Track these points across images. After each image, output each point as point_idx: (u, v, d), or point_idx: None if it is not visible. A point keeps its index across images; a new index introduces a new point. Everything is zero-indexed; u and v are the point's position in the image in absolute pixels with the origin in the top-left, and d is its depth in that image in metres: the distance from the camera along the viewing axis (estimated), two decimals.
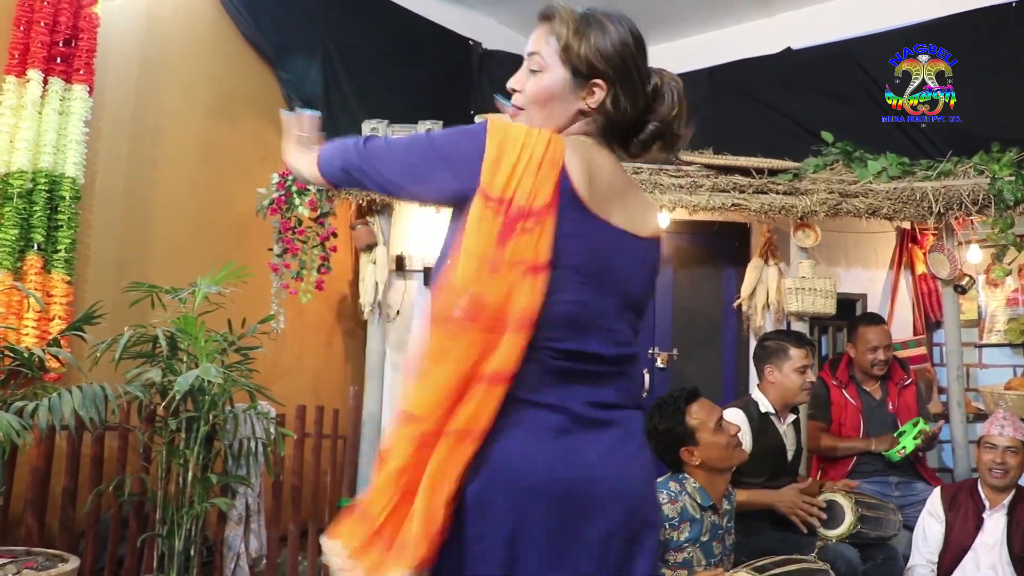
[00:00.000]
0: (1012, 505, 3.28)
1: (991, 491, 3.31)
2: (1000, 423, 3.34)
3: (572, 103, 1.45)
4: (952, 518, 3.36)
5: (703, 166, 4.21)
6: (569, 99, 1.45)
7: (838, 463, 3.98)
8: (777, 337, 3.54)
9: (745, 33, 5.61)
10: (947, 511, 3.38)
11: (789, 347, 3.40)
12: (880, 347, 3.98)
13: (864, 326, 4.10)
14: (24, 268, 3.32)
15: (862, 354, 4.03)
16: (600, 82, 1.43)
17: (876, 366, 3.99)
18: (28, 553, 2.83)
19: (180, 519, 2.99)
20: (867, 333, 4.04)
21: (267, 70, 4.44)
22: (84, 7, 3.52)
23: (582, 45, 1.42)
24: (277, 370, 4.10)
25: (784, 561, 2.79)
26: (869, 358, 4.00)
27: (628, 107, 1.45)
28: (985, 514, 3.31)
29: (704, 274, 4.60)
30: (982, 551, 3.27)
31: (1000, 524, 3.27)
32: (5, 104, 3.32)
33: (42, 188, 3.34)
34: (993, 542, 3.25)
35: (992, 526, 3.28)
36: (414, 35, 5.08)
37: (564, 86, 1.44)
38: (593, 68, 1.42)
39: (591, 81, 1.43)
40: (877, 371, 4.00)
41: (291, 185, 4.02)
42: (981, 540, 3.28)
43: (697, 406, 2.81)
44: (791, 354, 3.38)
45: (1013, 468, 3.27)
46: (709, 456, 2.75)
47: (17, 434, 2.49)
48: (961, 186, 4.06)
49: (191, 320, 3.03)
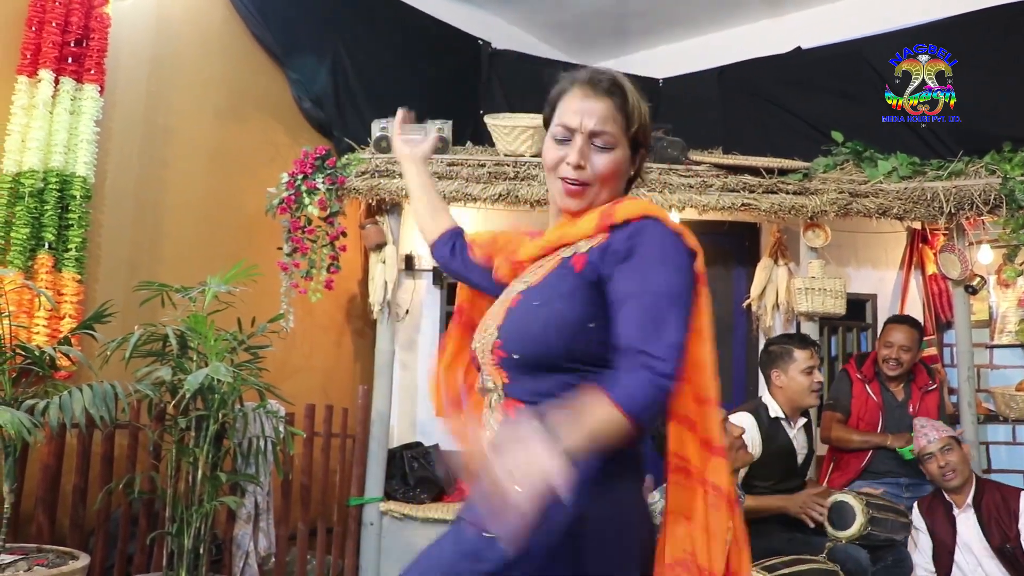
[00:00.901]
0: (976, 501, 3.45)
1: (953, 493, 3.48)
2: (924, 434, 3.54)
3: (627, 174, 1.54)
4: (932, 525, 3.52)
5: (713, 166, 4.21)
6: (627, 171, 1.54)
7: (853, 459, 3.96)
8: (780, 341, 3.53)
9: (754, 33, 5.60)
10: (926, 519, 3.54)
11: (793, 349, 3.39)
12: (896, 345, 3.96)
13: (889, 323, 4.10)
14: (35, 267, 3.33)
15: (880, 348, 4.03)
16: (644, 149, 1.55)
17: (887, 363, 3.97)
18: (39, 550, 2.84)
19: (190, 517, 3.00)
20: (890, 330, 4.04)
21: (277, 70, 4.46)
22: (95, 7, 3.53)
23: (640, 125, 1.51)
24: (286, 369, 4.11)
25: (793, 561, 2.79)
26: (883, 353, 3.99)
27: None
28: (955, 513, 3.48)
29: (714, 274, 4.56)
30: (964, 549, 3.43)
31: (971, 520, 3.44)
32: (17, 104, 3.34)
33: (53, 187, 3.36)
34: (971, 538, 3.42)
35: (964, 524, 3.45)
36: (423, 35, 5.09)
37: (628, 160, 1.52)
38: (643, 142, 1.54)
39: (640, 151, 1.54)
40: (888, 369, 3.97)
41: (300, 184, 4.03)
42: (960, 540, 3.44)
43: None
44: (796, 356, 3.37)
45: (958, 464, 3.44)
46: None
47: (28, 432, 2.51)
48: (972, 186, 4.04)
49: (201, 319, 3.04)
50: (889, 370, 3.97)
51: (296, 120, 4.53)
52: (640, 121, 1.49)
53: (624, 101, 1.48)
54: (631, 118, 1.48)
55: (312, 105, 4.53)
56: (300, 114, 4.54)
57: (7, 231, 3.29)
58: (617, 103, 1.48)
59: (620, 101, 1.48)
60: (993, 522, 3.38)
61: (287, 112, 4.51)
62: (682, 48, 5.90)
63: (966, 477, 3.46)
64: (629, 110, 1.48)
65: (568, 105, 1.49)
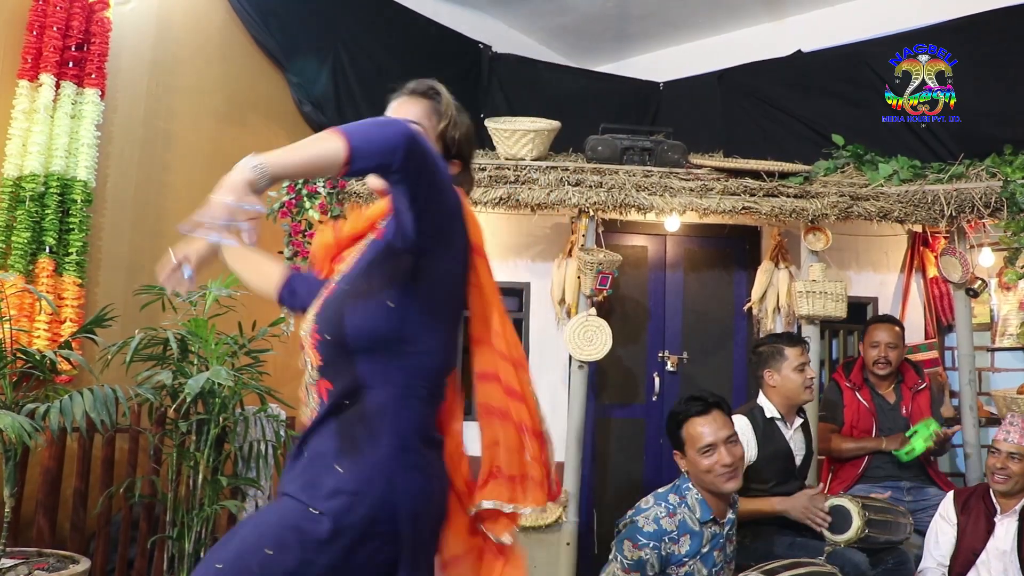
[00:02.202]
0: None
1: (1001, 496, 3.29)
2: (1007, 428, 3.31)
3: None
4: (964, 522, 3.34)
5: (713, 169, 4.21)
6: None
7: (849, 465, 3.96)
8: (769, 341, 3.52)
9: (755, 36, 5.61)
10: (959, 515, 3.36)
11: (783, 348, 3.39)
12: (882, 344, 3.97)
13: (872, 324, 4.11)
14: (36, 271, 3.34)
15: (866, 350, 4.03)
16: (457, 161, 1.72)
17: (878, 364, 3.97)
18: (39, 554, 2.84)
19: (190, 521, 3.00)
20: (873, 330, 4.05)
21: (277, 74, 4.46)
22: (96, 12, 3.54)
23: (456, 132, 1.70)
24: (287, 373, 4.09)
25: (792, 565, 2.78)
26: (872, 354, 3.99)
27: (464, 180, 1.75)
28: (996, 519, 3.29)
29: (714, 277, 4.58)
30: (993, 556, 3.24)
31: (1011, 529, 3.24)
32: (18, 108, 3.35)
33: (54, 191, 3.36)
34: (1004, 547, 3.23)
35: (1003, 531, 3.26)
36: (424, 38, 5.09)
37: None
38: (457, 152, 1.71)
39: (452, 159, 1.71)
40: (878, 369, 3.97)
41: (301, 188, 4.03)
42: (992, 545, 3.25)
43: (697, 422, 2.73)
44: (786, 354, 3.37)
45: (1016, 474, 3.23)
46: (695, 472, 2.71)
47: (29, 436, 2.51)
48: (973, 189, 4.04)
49: (202, 323, 3.04)
50: (879, 370, 3.98)
51: (297, 123, 4.53)
52: (452, 121, 1.67)
53: (438, 102, 1.68)
54: (443, 116, 1.67)
55: (313, 108, 4.53)
56: (301, 117, 4.54)
57: (8, 235, 3.29)
58: (431, 105, 1.68)
59: (435, 104, 1.68)
60: None
61: (288, 115, 4.51)
62: (683, 52, 5.90)
63: (1019, 487, 3.26)
64: (442, 110, 1.68)
65: (392, 108, 1.71)
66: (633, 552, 2.58)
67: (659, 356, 4.51)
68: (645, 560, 2.56)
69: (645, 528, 2.61)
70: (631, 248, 4.44)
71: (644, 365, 4.49)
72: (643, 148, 4.25)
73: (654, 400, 4.45)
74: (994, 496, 3.31)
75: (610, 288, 4.02)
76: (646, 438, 4.44)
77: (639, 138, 4.30)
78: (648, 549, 2.57)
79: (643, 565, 2.56)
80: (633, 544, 2.58)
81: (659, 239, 4.53)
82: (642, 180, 4.08)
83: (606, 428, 4.40)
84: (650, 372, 4.47)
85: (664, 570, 2.61)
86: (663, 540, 2.60)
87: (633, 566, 2.57)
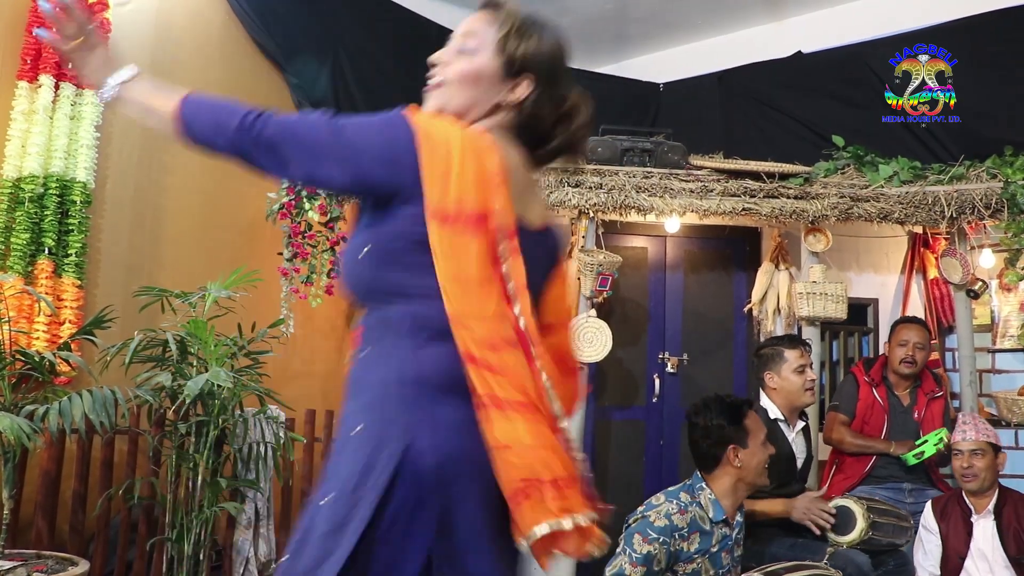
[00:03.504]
0: (998, 508, 3.35)
1: (973, 496, 3.39)
2: (962, 428, 3.44)
3: (494, 94, 1.45)
4: (944, 528, 3.44)
5: (713, 170, 4.21)
6: (493, 89, 1.45)
7: (854, 465, 3.95)
8: (770, 344, 3.54)
9: (755, 37, 5.60)
10: (939, 522, 3.46)
11: (783, 350, 3.41)
12: (910, 343, 3.98)
13: (901, 324, 4.12)
14: (35, 272, 3.33)
15: (893, 349, 4.03)
16: (530, 77, 1.45)
17: (904, 363, 3.97)
18: (38, 556, 2.84)
19: (190, 523, 3.00)
20: (901, 330, 4.05)
21: (277, 74, 4.46)
22: (95, 13, 3.53)
23: (522, 42, 1.44)
24: (287, 374, 4.10)
25: (795, 567, 2.78)
26: (899, 353, 3.99)
27: (547, 111, 1.47)
28: (973, 519, 3.39)
29: (714, 279, 4.58)
30: (978, 556, 3.34)
31: (989, 528, 3.34)
32: (17, 109, 3.34)
33: (53, 192, 3.36)
34: (984, 546, 3.33)
35: (981, 531, 3.36)
36: (424, 39, 5.08)
37: (494, 74, 1.44)
38: (525, 65, 1.44)
39: (520, 76, 1.45)
40: (904, 368, 3.97)
41: (301, 189, 4.03)
42: (975, 546, 3.35)
43: (754, 415, 2.87)
44: (786, 356, 3.39)
45: (982, 470, 3.35)
46: (749, 464, 2.77)
47: (28, 437, 2.50)
48: (974, 190, 4.04)
49: (201, 324, 3.04)
50: (904, 369, 3.98)
51: None
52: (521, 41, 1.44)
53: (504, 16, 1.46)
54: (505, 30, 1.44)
55: (312, 109, 4.52)
56: None
57: (7, 236, 3.29)
58: (494, 15, 1.47)
59: (499, 14, 1.47)
60: (1012, 531, 3.29)
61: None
62: (683, 53, 5.89)
63: (988, 484, 3.37)
64: (504, 21, 1.45)
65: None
66: (642, 546, 2.60)
67: (659, 357, 4.51)
68: (653, 555, 2.58)
69: (656, 523, 2.63)
70: (631, 249, 4.44)
71: (644, 367, 4.49)
72: (643, 149, 4.25)
73: (654, 402, 4.44)
74: (967, 498, 3.41)
75: (610, 289, 4.02)
76: (646, 440, 4.44)
77: (639, 139, 4.30)
78: (657, 544, 2.59)
79: (651, 560, 2.57)
80: (643, 538, 2.61)
81: (659, 240, 4.53)
82: (642, 181, 4.08)
83: (606, 430, 4.40)
84: (650, 374, 4.47)
85: (671, 567, 2.63)
86: (673, 536, 2.62)
87: (641, 560, 2.58)
